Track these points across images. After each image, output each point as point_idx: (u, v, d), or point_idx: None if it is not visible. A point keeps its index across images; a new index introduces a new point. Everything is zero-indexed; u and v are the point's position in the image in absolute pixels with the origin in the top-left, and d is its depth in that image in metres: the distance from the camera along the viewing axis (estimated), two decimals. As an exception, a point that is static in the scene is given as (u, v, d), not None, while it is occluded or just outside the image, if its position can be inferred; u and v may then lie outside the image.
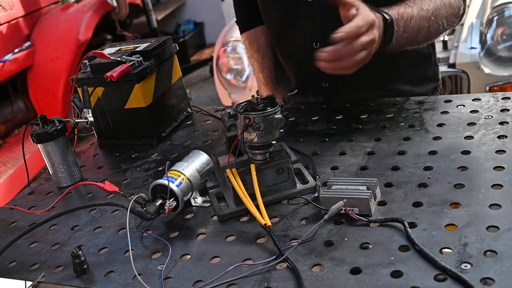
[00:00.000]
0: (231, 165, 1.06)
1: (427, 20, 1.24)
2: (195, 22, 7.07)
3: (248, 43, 1.68)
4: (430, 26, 1.25)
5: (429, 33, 1.28)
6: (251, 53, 1.69)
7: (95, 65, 1.44)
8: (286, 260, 0.87)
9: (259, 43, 1.64)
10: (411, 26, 1.21)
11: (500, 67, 2.81)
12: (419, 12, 1.23)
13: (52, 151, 1.31)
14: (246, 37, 1.68)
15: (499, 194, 0.93)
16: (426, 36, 1.29)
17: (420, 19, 1.23)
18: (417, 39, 1.28)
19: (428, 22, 1.24)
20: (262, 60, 1.66)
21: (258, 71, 1.70)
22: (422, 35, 1.27)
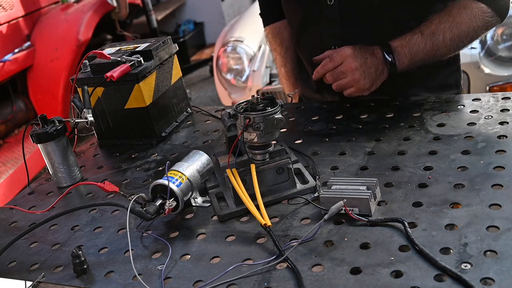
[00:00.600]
0: (231, 165, 1.06)
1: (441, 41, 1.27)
2: (195, 22, 7.07)
3: (271, 37, 1.68)
4: (447, 46, 1.28)
5: (447, 50, 1.30)
6: (274, 47, 1.69)
7: (95, 65, 1.44)
8: (286, 260, 0.87)
9: (282, 37, 1.64)
10: (421, 49, 1.27)
11: (500, 67, 2.81)
12: (431, 36, 1.26)
13: (52, 151, 1.31)
14: (270, 30, 1.68)
15: (499, 194, 0.93)
16: (445, 54, 1.32)
17: (432, 42, 1.26)
18: (435, 57, 1.31)
19: (444, 43, 1.27)
20: (285, 54, 1.66)
21: (280, 65, 1.70)
22: (439, 54, 1.30)
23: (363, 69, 1.25)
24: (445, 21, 1.26)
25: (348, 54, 1.25)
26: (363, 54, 1.26)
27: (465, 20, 1.26)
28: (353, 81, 1.26)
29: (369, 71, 1.26)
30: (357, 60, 1.25)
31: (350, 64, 1.25)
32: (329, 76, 1.29)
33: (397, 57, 1.27)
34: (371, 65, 1.26)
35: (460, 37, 1.27)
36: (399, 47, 1.28)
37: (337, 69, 1.27)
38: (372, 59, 1.26)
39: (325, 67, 1.28)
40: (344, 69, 1.26)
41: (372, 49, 1.28)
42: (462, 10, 1.26)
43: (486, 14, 1.26)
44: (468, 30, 1.27)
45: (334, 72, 1.27)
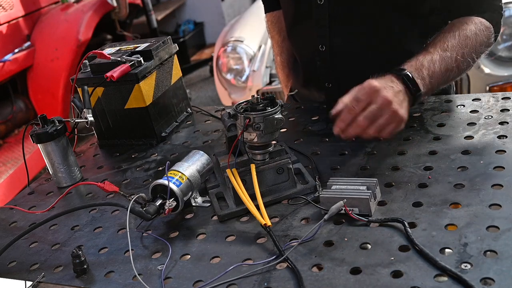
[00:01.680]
0: (231, 165, 1.06)
1: (454, 60, 1.19)
2: (195, 22, 7.06)
3: (270, 24, 1.70)
4: (459, 64, 1.20)
5: (459, 70, 1.22)
6: (272, 34, 1.70)
7: (95, 65, 1.44)
8: (286, 260, 0.87)
9: (281, 26, 1.64)
10: (437, 71, 1.17)
11: (500, 67, 2.81)
12: (442, 54, 1.18)
13: (52, 151, 1.31)
14: (269, 18, 1.69)
15: (499, 194, 0.93)
16: (457, 73, 1.23)
17: (445, 61, 1.18)
18: (449, 79, 1.22)
19: (456, 62, 1.20)
20: (281, 43, 1.67)
21: (276, 53, 1.71)
22: (453, 74, 1.21)
23: (397, 98, 1.07)
24: (452, 38, 1.21)
25: (375, 86, 1.06)
26: (387, 82, 1.10)
27: (471, 34, 1.22)
28: (393, 116, 1.06)
29: (400, 99, 1.09)
30: (388, 90, 1.07)
31: (384, 98, 1.05)
32: (363, 120, 1.04)
33: (417, 80, 1.13)
34: (399, 92, 1.10)
35: (469, 53, 1.22)
36: (415, 70, 1.15)
37: (370, 109, 1.04)
38: (396, 85, 1.11)
39: (353, 111, 1.04)
40: (379, 104, 1.04)
41: (389, 77, 1.13)
42: (466, 25, 1.23)
43: (488, 28, 1.25)
44: (476, 45, 1.22)
45: (368, 114, 1.04)
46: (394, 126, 1.07)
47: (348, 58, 1.40)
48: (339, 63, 1.41)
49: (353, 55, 1.39)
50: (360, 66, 1.40)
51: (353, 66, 1.41)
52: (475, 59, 1.23)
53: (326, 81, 1.46)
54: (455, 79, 1.25)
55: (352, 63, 1.41)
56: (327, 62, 1.41)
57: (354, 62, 1.40)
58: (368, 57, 1.38)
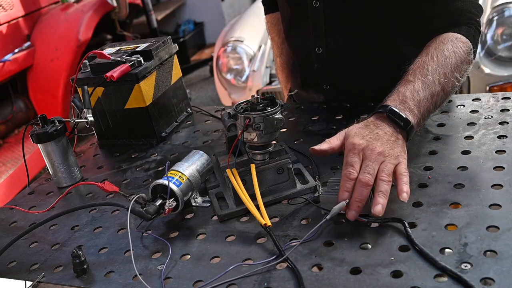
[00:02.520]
0: (231, 165, 1.06)
1: (437, 83, 1.11)
2: (195, 22, 7.07)
3: (270, 25, 1.70)
4: (443, 87, 1.12)
5: (445, 92, 1.13)
6: (272, 36, 1.71)
7: (95, 65, 1.44)
8: (286, 260, 0.87)
9: (280, 28, 1.64)
10: (422, 98, 1.08)
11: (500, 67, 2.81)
12: (424, 80, 1.10)
13: (52, 151, 1.31)
14: (269, 19, 1.70)
15: (499, 194, 0.93)
16: (444, 97, 1.14)
17: (428, 86, 1.10)
18: (437, 104, 1.12)
19: (440, 85, 1.11)
20: (281, 45, 1.67)
21: (276, 54, 1.72)
22: (439, 98, 1.12)
23: (387, 144, 0.99)
24: (431, 61, 1.14)
25: (360, 145, 0.98)
26: (372, 132, 1.02)
27: (449, 54, 1.15)
28: (392, 160, 0.97)
29: (391, 142, 1.00)
30: (375, 142, 0.98)
31: (373, 151, 0.97)
32: (365, 176, 0.94)
33: (405, 113, 1.05)
34: (387, 136, 1.01)
35: (452, 73, 1.14)
36: (399, 103, 1.07)
37: (366, 167, 0.95)
38: (382, 129, 1.02)
39: (352, 176, 0.95)
40: (373, 160, 0.95)
41: (373, 121, 1.05)
42: (443, 45, 1.16)
43: (465, 44, 1.18)
44: (457, 63, 1.15)
45: (366, 169, 0.94)
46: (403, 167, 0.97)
47: (345, 60, 1.40)
48: (336, 65, 1.41)
49: (349, 57, 1.39)
50: (357, 68, 1.41)
51: (350, 68, 1.41)
52: (459, 78, 1.15)
53: (323, 83, 1.46)
54: (443, 103, 1.16)
55: (349, 65, 1.41)
56: (324, 64, 1.42)
57: (351, 64, 1.40)
58: (365, 59, 1.39)
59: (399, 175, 0.95)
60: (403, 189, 0.92)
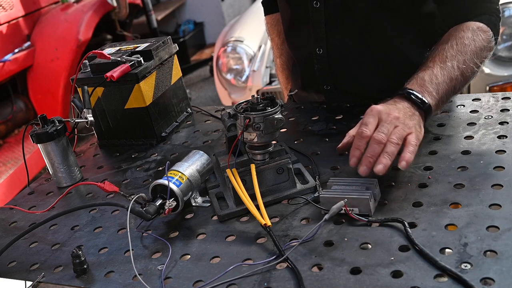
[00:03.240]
0: (231, 165, 1.06)
1: (456, 68, 1.15)
2: (195, 22, 7.07)
3: (269, 26, 1.70)
4: (462, 72, 1.16)
5: (464, 77, 1.18)
6: (272, 37, 1.70)
7: (95, 65, 1.44)
8: (286, 260, 0.87)
9: (280, 28, 1.64)
10: (441, 82, 1.13)
11: (500, 67, 2.81)
12: (443, 66, 1.15)
13: (52, 151, 1.31)
14: (269, 20, 1.70)
15: (499, 194, 0.93)
16: (463, 81, 1.18)
17: (447, 71, 1.14)
18: (456, 89, 1.17)
19: (459, 70, 1.16)
20: (281, 45, 1.67)
21: (276, 55, 1.71)
22: (458, 83, 1.17)
23: (404, 113, 1.05)
24: (450, 48, 1.18)
25: (379, 109, 1.03)
26: (390, 104, 1.07)
27: (469, 42, 1.19)
28: (406, 127, 1.01)
29: (409, 114, 1.05)
30: (393, 110, 1.04)
31: (391, 115, 1.02)
32: (378, 135, 0.98)
33: (423, 94, 1.10)
34: (405, 109, 1.06)
35: (471, 59, 1.18)
36: (418, 86, 1.12)
37: (382, 127, 1.00)
38: (401, 104, 1.08)
39: (365, 134, 0.99)
40: (389, 122, 1.00)
41: (392, 100, 1.10)
42: (463, 33, 1.21)
43: (486, 32, 1.22)
44: (475, 50, 1.19)
45: (381, 129, 0.99)
46: (414, 138, 1.00)
47: (346, 60, 1.40)
48: (337, 66, 1.41)
49: (350, 57, 1.39)
50: (358, 68, 1.40)
51: (351, 68, 1.41)
52: (479, 65, 1.20)
53: (324, 84, 1.46)
54: (462, 88, 1.20)
55: (350, 65, 1.41)
56: (325, 65, 1.42)
57: (352, 64, 1.40)
58: (366, 59, 1.39)
59: (407, 143, 0.98)
60: (405, 157, 0.94)
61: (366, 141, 0.98)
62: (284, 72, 1.70)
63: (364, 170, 0.94)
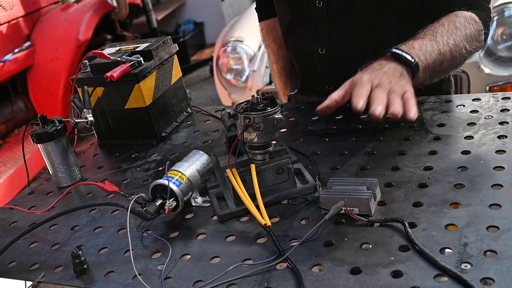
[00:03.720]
0: (231, 165, 1.06)
1: (445, 43, 1.17)
2: (195, 22, 7.07)
3: (265, 32, 1.68)
4: (451, 50, 1.18)
5: (453, 57, 1.19)
6: (268, 43, 1.69)
7: (95, 65, 1.44)
8: (286, 260, 0.87)
9: (276, 34, 1.63)
10: (429, 51, 1.14)
11: (500, 67, 2.81)
12: (433, 39, 1.16)
13: (52, 151, 1.31)
14: (264, 26, 1.68)
15: (499, 194, 0.93)
16: (451, 61, 1.20)
17: (437, 44, 1.15)
18: (443, 65, 1.19)
19: (448, 46, 1.17)
20: (277, 51, 1.66)
21: (272, 61, 1.70)
22: (446, 59, 1.18)
23: (391, 72, 1.08)
24: (441, 26, 1.20)
25: (368, 77, 1.06)
26: (375, 67, 1.10)
27: (461, 25, 1.20)
28: (398, 84, 1.05)
29: (397, 74, 1.08)
30: (378, 72, 1.07)
31: (381, 79, 1.05)
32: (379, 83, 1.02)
33: (408, 52, 1.12)
34: (392, 70, 1.09)
35: (461, 41, 1.20)
36: (405, 48, 1.15)
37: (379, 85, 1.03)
38: (386, 65, 1.10)
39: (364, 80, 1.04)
40: (379, 84, 1.04)
41: (376, 62, 1.13)
42: (455, 17, 1.22)
43: (477, 23, 1.23)
44: (466, 34, 1.21)
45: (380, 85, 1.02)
46: (410, 94, 1.02)
47: (348, 59, 1.40)
48: (340, 65, 1.41)
49: (353, 56, 1.39)
50: (360, 66, 1.40)
51: (354, 67, 1.41)
52: (468, 49, 1.20)
53: (326, 84, 1.46)
54: (450, 68, 1.22)
55: (352, 64, 1.40)
56: (327, 65, 1.41)
57: (355, 63, 1.40)
58: (368, 58, 1.38)
59: (406, 99, 0.99)
60: (411, 109, 0.95)
61: (366, 91, 0.98)
62: (281, 77, 1.69)
63: (379, 110, 0.91)
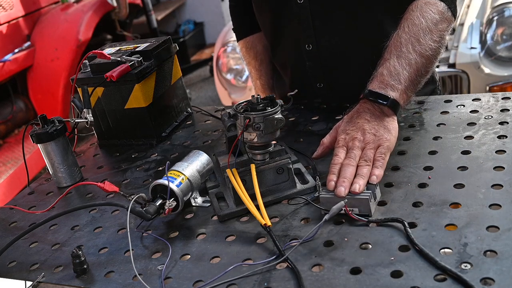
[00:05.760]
0: (231, 165, 1.06)
1: (412, 51, 1.16)
2: (195, 22, 7.07)
3: (245, 50, 1.68)
4: (421, 53, 1.16)
5: (426, 58, 1.17)
6: (248, 60, 1.68)
7: (95, 65, 1.44)
8: (286, 260, 0.87)
9: (256, 50, 1.64)
10: (401, 71, 1.14)
11: (500, 67, 2.81)
12: (399, 54, 1.16)
13: (52, 151, 1.31)
14: (243, 44, 1.67)
15: (499, 194, 0.93)
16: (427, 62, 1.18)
17: (404, 58, 1.15)
18: (420, 71, 1.17)
19: (415, 52, 1.16)
20: (259, 67, 1.65)
21: (255, 78, 1.69)
22: (421, 65, 1.17)
23: (369, 119, 1.11)
24: (402, 32, 1.18)
25: (343, 137, 1.10)
26: (354, 118, 1.12)
27: (418, 21, 1.19)
28: (371, 144, 1.07)
29: (376, 117, 1.11)
30: (356, 128, 1.10)
31: (355, 138, 1.08)
32: (347, 161, 1.04)
33: (385, 91, 1.12)
34: (370, 114, 1.12)
35: (425, 37, 1.17)
36: (378, 83, 1.14)
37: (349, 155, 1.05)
38: (365, 110, 1.12)
39: (336, 161, 1.05)
40: (351, 149, 1.06)
41: (354, 111, 1.14)
42: (410, 13, 1.21)
43: (434, 4, 1.22)
44: (427, 26, 1.18)
45: (349, 157, 1.05)
46: (382, 151, 1.05)
47: (335, 53, 1.40)
48: (328, 60, 1.41)
49: (340, 50, 1.40)
50: (349, 60, 1.41)
51: (342, 62, 1.41)
52: (436, 40, 1.19)
53: (317, 82, 1.46)
54: (430, 68, 1.20)
55: (340, 58, 1.41)
56: (316, 61, 1.42)
57: (342, 57, 1.41)
58: (355, 51, 1.39)
59: (374, 160, 1.04)
60: (374, 172, 1.01)
61: (339, 167, 1.04)
62: (265, 92, 1.68)
63: (340, 191, 0.97)
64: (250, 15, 1.57)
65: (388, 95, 1.12)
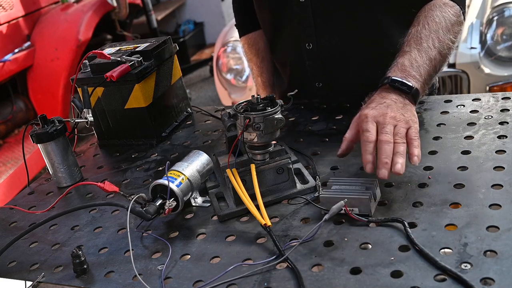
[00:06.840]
0: (231, 165, 1.06)
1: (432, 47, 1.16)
2: (195, 22, 7.06)
3: (247, 47, 1.68)
4: (439, 50, 1.17)
5: (442, 55, 1.18)
6: (250, 57, 1.68)
7: (95, 65, 1.44)
8: (286, 260, 0.87)
9: (258, 47, 1.64)
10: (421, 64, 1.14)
11: (500, 67, 2.81)
12: (420, 48, 1.15)
13: (52, 151, 1.31)
14: (245, 41, 1.68)
15: (499, 194, 0.93)
16: (442, 59, 1.19)
17: (425, 52, 1.15)
18: (436, 68, 1.17)
19: (436, 49, 1.16)
20: (260, 64, 1.66)
21: (256, 75, 1.70)
22: (437, 61, 1.17)
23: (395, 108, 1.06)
24: (423, 28, 1.19)
25: (372, 114, 1.03)
26: (378, 103, 1.08)
27: (439, 19, 1.20)
28: (402, 123, 1.03)
29: (399, 107, 1.06)
30: (384, 109, 1.05)
31: (385, 115, 1.03)
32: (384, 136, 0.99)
33: (407, 79, 1.11)
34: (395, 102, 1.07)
35: (445, 35, 1.19)
36: (400, 72, 1.12)
37: (383, 130, 1.00)
38: (388, 98, 1.08)
39: (370, 139, 1.00)
40: (383, 123, 1.01)
41: (377, 95, 1.11)
42: (431, 12, 1.22)
43: (452, 7, 1.23)
44: (447, 26, 1.20)
45: (384, 133, 0.99)
46: (414, 132, 1.01)
47: (335, 52, 1.40)
48: (328, 60, 1.41)
49: (340, 50, 1.40)
50: (348, 60, 1.40)
51: (341, 61, 1.41)
52: (453, 39, 1.21)
53: (316, 81, 1.46)
54: (442, 66, 1.21)
55: (340, 58, 1.41)
56: (315, 60, 1.42)
57: (342, 57, 1.40)
58: (354, 51, 1.39)
59: (410, 140, 0.99)
60: (414, 153, 0.97)
61: (373, 145, 0.99)
62: (266, 89, 1.68)
63: (384, 173, 0.94)
64: (252, 12, 1.57)
65: (411, 85, 1.10)
